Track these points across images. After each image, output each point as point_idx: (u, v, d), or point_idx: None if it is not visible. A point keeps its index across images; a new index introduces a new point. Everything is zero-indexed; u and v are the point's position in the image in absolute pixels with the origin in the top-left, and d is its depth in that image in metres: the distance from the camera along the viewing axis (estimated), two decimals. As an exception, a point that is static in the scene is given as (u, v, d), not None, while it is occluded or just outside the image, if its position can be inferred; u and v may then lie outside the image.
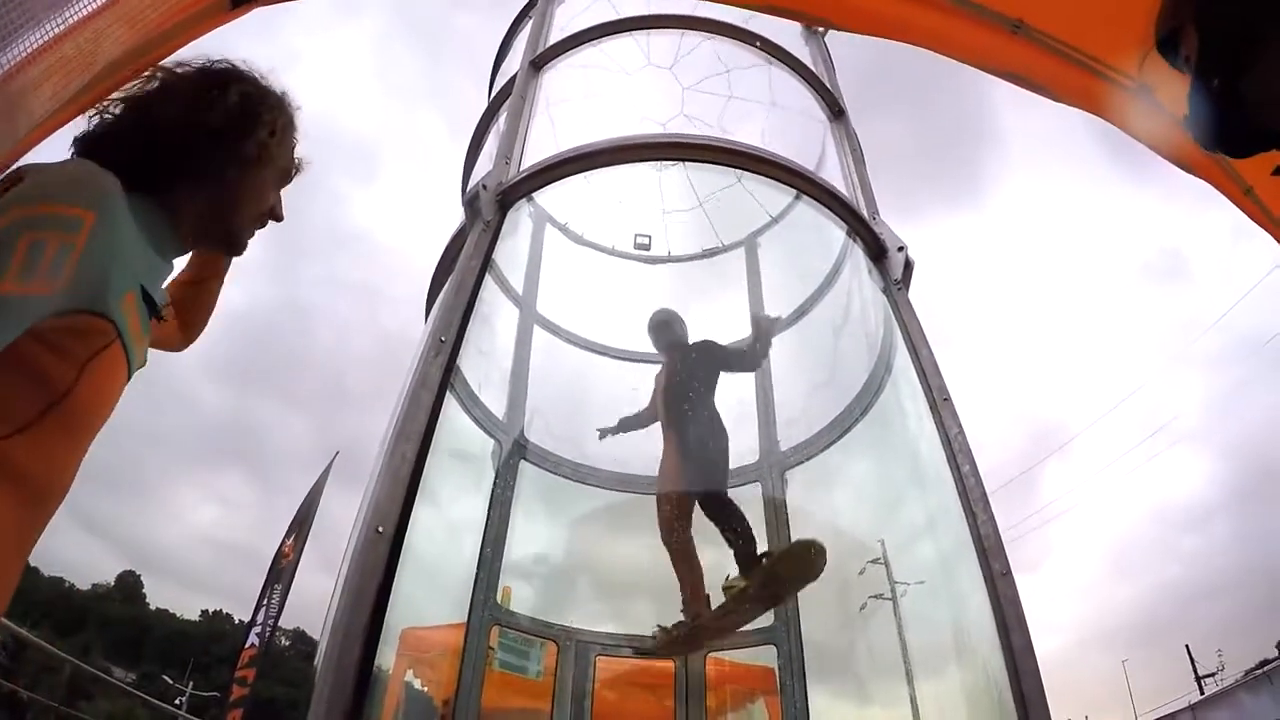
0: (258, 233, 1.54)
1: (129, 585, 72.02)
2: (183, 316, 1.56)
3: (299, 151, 1.50)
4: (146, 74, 1.33)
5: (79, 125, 1.28)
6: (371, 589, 1.84)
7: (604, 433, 3.84)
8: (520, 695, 3.63)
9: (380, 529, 1.91)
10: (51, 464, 1.13)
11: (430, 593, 3.26)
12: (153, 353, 1.35)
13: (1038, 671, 2.31)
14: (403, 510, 1.97)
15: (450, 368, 2.28)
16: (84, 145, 1.27)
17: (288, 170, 1.48)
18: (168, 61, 1.37)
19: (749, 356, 3.78)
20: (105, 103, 1.29)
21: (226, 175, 1.34)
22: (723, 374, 3.66)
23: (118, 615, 61.70)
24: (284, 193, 1.52)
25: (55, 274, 1.04)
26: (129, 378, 1.28)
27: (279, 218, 1.50)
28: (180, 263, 1.49)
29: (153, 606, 70.80)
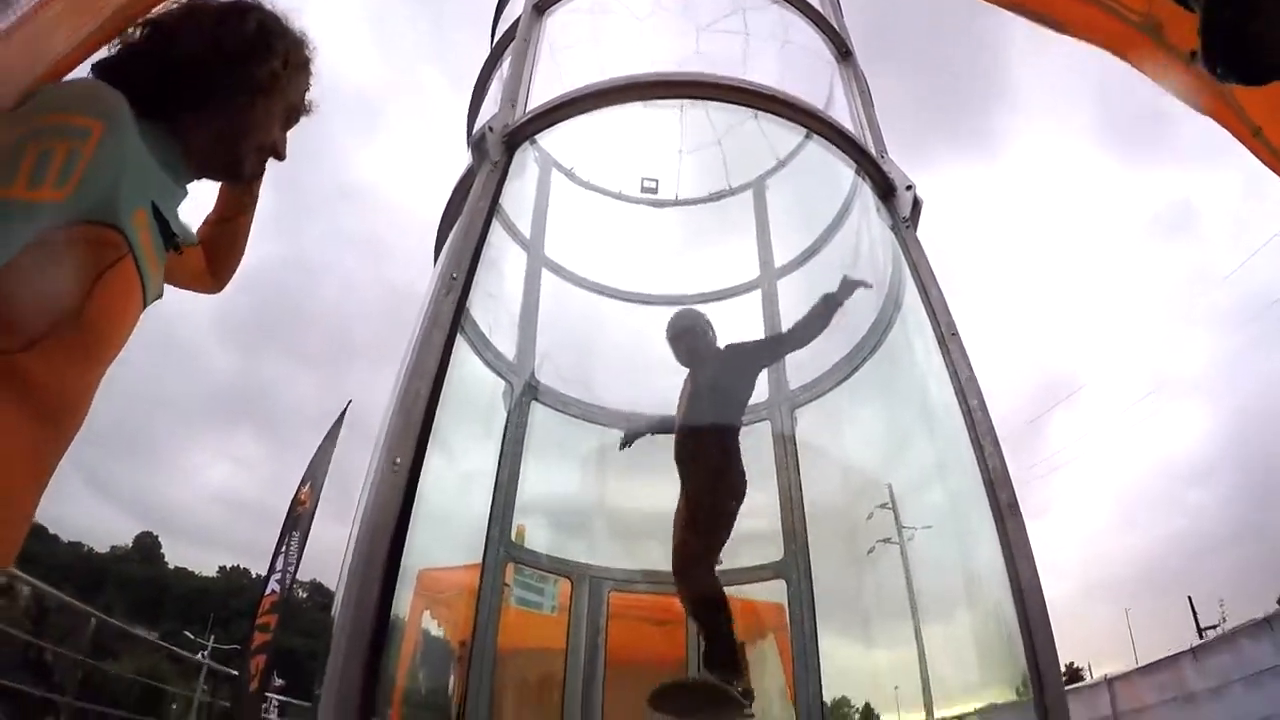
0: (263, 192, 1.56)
1: (147, 546, 73.40)
2: (213, 257, 1.59)
3: (311, 94, 1.51)
4: (173, 2, 1.35)
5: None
6: (390, 522, 1.88)
7: (626, 440, 3.49)
8: (536, 631, 3.73)
9: (397, 461, 1.95)
10: (66, 381, 1.14)
11: (446, 535, 3.32)
12: (157, 313, 1.37)
13: (1043, 602, 2.35)
14: (418, 444, 2.01)
15: (461, 305, 2.29)
16: (100, 71, 1.27)
17: (296, 108, 1.49)
18: None
19: (801, 331, 3.21)
20: (130, 28, 1.30)
21: (236, 100, 1.35)
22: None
23: (137, 576, 62.93)
24: (290, 141, 1.52)
25: (64, 181, 1.05)
26: (144, 303, 1.29)
27: (281, 156, 1.51)
28: (194, 225, 1.52)
29: (171, 565, 72.24)
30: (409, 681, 4.06)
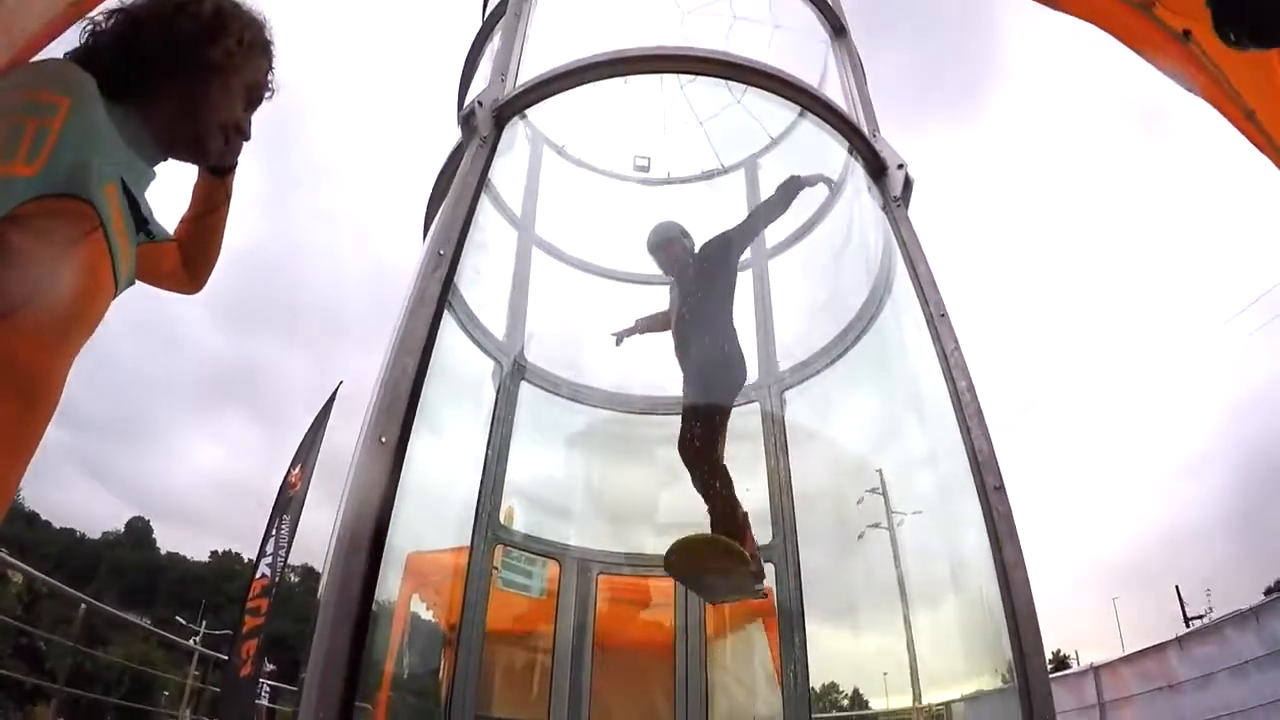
0: (248, 173, 1.59)
1: (139, 531, 73.55)
2: (190, 254, 1.62)
3: (273, 75, 1.55)
4: None
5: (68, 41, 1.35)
6: (376, 497, 1.86)
7: (620, 336, 3.73)
8: (524, 614, 3.71)
9: (383, 439, 1.92)
10: (40, 355, 1.15)
11: (434, 517, 3.30)
12: (147, 296, 1.42)
13: (1028, 584, 2.34)
14: (404, 421, 1.98)
15: (449, 282, 2.26)
16: (71, 59, 1.30)
17: (257, 87, 1.53)
18: None
19: (765, 210, 3.54)
20: (97, 14, 1.36)
21: (195, 78, 1.40)
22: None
23: (129, 562, 63.05)
24: (274, 122, 1.58)
25: (34, 155, 1.07)
26: (115, 284, 1.31)
27: (246, 135, 1.55)
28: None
29: (163, 551, 72.30)
30: (397, 664, 4.06)
